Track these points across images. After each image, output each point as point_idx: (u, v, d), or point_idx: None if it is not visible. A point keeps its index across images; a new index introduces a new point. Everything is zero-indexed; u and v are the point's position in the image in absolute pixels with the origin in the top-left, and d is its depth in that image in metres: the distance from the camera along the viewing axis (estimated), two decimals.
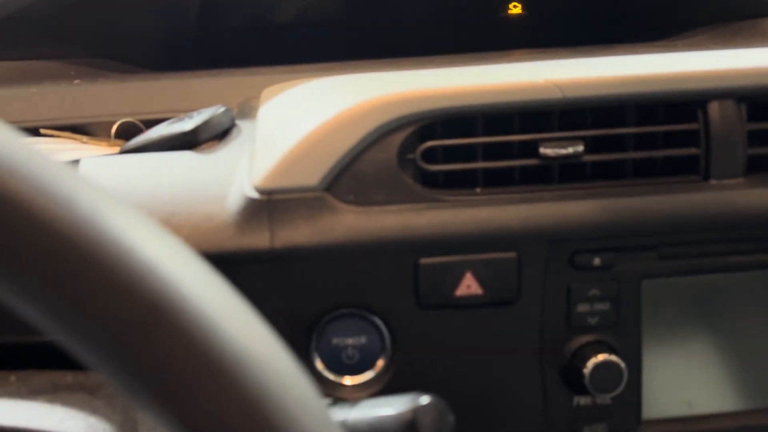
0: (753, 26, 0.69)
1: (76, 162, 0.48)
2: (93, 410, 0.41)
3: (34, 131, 0.57)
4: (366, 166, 0.45)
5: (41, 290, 0.19)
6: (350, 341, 0.46)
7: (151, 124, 0.58)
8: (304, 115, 0.47)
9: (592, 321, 0.46)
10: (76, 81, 0.64)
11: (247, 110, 0.57)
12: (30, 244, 0.19)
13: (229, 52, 0.83)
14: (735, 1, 0.70)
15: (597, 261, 0.45)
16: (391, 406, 0.36)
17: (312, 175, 0.44)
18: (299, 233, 0.43)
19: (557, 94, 0.44)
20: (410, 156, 0.45)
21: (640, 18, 0.80)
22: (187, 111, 0.58)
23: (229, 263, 0.43)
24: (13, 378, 0.46)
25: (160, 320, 0.19)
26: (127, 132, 0.57)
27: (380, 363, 0.46)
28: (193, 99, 0.59)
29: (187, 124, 0.51)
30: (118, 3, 0.71)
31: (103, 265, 0.19)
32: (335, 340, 0.46)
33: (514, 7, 0.89)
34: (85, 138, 0.57)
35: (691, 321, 0.47)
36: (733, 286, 0.47)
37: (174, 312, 0.20)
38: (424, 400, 0.35)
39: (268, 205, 0.44)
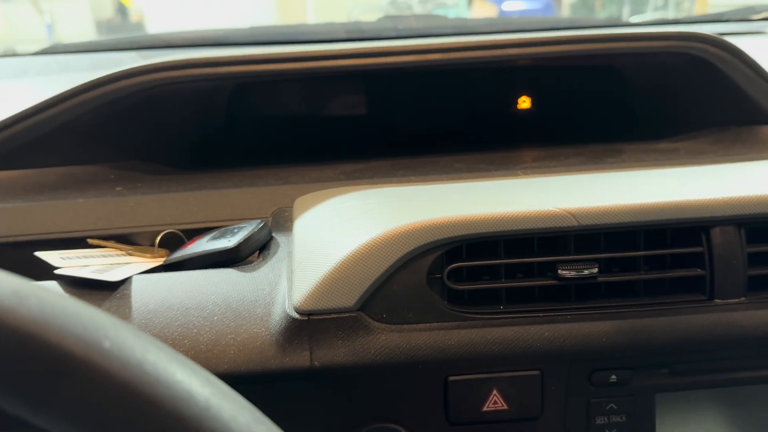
0: (751, 133, 0.73)
1: (127, 279, 0.52)
2: None
3: (82, 241, 0.61)
4: (397, 287, 0.48)
5: None
6: None
7: (191, 233, 0.62)
8: (336, 237, 0.51)
9: None
10: (118, 188, 0.68)
11: (282, 221, 0.61)
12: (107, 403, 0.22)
13: (255, 147, 0.88)
14: (737, 108, 0.75)
15: (613, 378, 0.48)
16: None
17: (348, 297, 0.48)
18: (337, 353, 0.47)
19: (572, 222, 0.48)
20: (437, 276, 0.49)
21: (645, 117, 0.85)
22: (224, 221, 0.63)
23: (272, 381, 0.47)
24: None
25: None
26: (169, 241, 0.61)
27: None
28: (230, 209, 0.64)
29: (229, 241, 0.55)
30: (151, 110, 0.76)
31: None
32: None
33: (523, 102, 0.95)
34: (130, 248, 0.61)
35: (703, 431, 0.50)
36: (742, 398, 0.50)
37: None
38: None
39: (308, 326, 0.47)
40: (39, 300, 0.24)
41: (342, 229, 0.52)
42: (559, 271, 0.49)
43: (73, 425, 0.23)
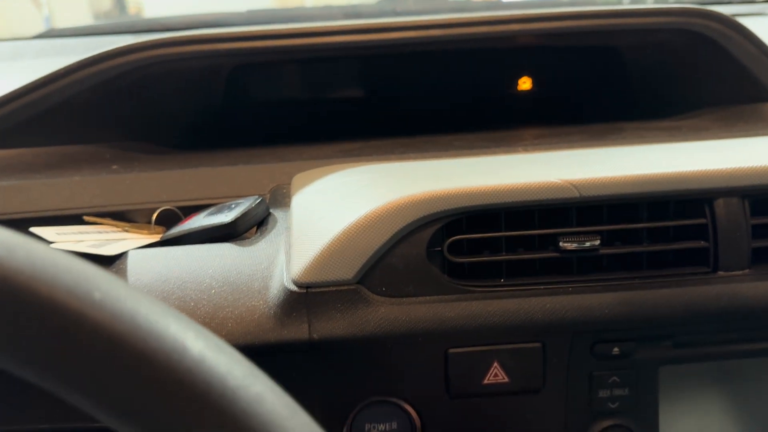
0: (754, 110, 0.73)
1: (123, 254, 0.52)
2: None
3: (78, 218, 0.61)
4: (397, 260, 0.48)
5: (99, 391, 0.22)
6: (382, 427, 0.49)
7: (187, 210, 0.61)
8: (335, 210, 0.51)
9: (613, 406, 0.48)
10: (114, 167, 0.67)
11: (280, 198, 0.61)
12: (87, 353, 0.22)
13: (253, 128, 0.87)
14: (740, 86, 0.74)
15: (616, 350, 0.48)
16: None
17: (347, 270, 0.47)
18: (336, 325, 0.46)
19: (574, 194, 0.48)
20: (437, 249, 0.48)
21: (646, 96, 0.85)
22: (221, 198, 0.62)
23: (270, 354, 0.47)
24: None
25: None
26: (166, 218, 0.61)
27: None
28: (227, 186, 0.63)
29: (226, 216, 0.54)
30: (148, 89, 0.75)
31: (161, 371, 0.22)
32: (368, 426, 0.49)
33: (524, 83, 0.94)
34: (127, 225, 0.60)
35: (706, 404, 0.50)
36: (746, 371, 0.50)
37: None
38: None
39: (306, 298, 0.47)
40: (27, 251, 0.23)
41: (341, 202, 0.52)
42: (561, 244, 0.48)
43: (62, 378, 0.22)
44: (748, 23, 0.75)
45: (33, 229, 0.54)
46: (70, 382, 0.22)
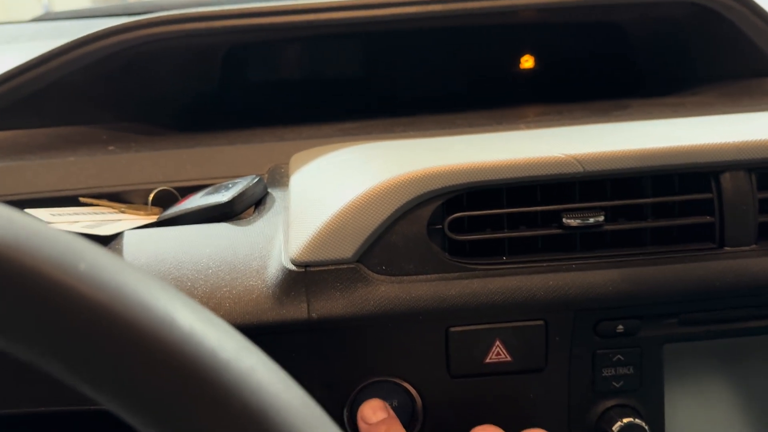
0: (759, 85, 0.71)
1: (119, 234, 0.51)
2: None
3: (74, 199, 0.60)
4: (397, 238, 0.47)
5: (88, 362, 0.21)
6: None
7: (185, 191, 0.61)
8: (334, 188, 0.50)
9: (617, 385, 0.48)
10: (111, 147, 0.67)
11: (278, 177, 0.60)
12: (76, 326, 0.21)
13: (250, 109, 0.86)
14: (745, 59, 0.73)
15: (620, 328, 0.47)
16: None
17: (346, 248, 0.46)
18: (335, 304, 0.46)
19: (578, 168, 0.47)
20: (438, 227, 0.47)
21: (649, 73, 0.83)
22: (219, 178, 0.61)
23: (269, 334, 0.46)
24: None
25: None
26: (163, 199, 0.60)
27: (411, 428, 0.48)
28: (225, 166, 0.62)
29: (223, 196, 0.53)
30: (144, 70, 0.74)
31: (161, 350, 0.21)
32: None
33: (526, 61, 0.92)
34: (123, 206, 0.59)
35: (712, 383, 0.49)
36: (752, 348, 0.49)
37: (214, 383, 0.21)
38: None
39: (305, 277, 0.46)
40: (10, 221, 0.22)
41: (340, 180, 0.51)
42: (564, 220, 0.47)
43: (45, 351, 0.21)
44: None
45: (28, 211, 0.54)
46: (52, 354, 0.21)
